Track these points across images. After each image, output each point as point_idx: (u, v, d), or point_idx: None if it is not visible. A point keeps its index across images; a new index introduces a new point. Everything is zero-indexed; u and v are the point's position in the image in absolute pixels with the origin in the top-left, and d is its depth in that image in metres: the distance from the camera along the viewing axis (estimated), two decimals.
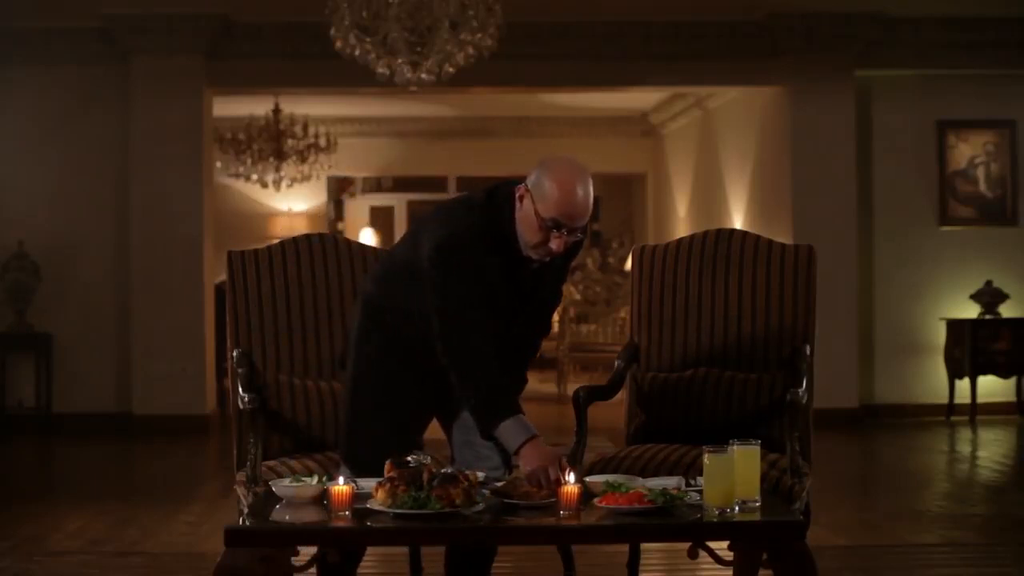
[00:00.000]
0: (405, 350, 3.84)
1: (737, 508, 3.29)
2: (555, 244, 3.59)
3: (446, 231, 3.66)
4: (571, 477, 3.39)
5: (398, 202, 16.39)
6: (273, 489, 3.49)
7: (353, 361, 3.93)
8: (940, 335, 10.15)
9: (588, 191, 3.59)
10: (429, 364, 3.73)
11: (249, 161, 13.43)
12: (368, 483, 3.46)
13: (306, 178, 13.74)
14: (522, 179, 3.69)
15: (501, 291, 3.71)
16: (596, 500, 3.35)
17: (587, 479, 3.54)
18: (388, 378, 3.86)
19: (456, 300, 3.63)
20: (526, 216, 3.60)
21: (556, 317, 13.77)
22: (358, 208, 16.56)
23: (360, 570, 4.26)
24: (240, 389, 4.22)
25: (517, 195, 3.64)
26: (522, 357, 3.93)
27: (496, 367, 3.61)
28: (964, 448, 9.07)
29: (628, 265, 8.14)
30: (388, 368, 3.86)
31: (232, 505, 4.70)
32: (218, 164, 12.66)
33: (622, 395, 4.69)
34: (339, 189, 16.38)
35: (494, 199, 3.71)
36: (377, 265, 4.09)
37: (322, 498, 3.38)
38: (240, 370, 4.29)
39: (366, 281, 4.04)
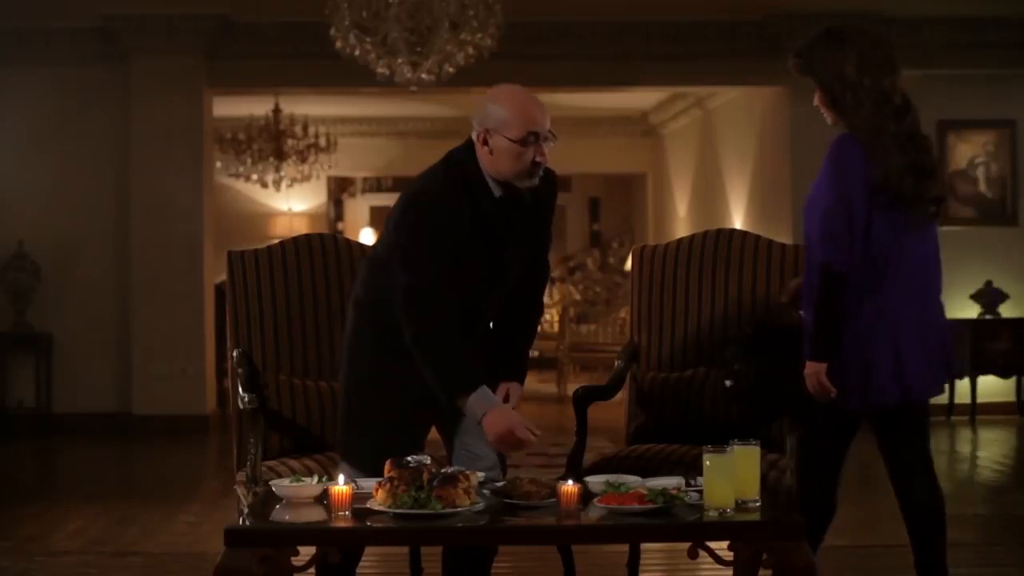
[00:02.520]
0: (396, 343, 3.83)
1: (737, 508, 3.29)
2: (540, 155, 3.68)
3: (412, 194, 3.73)
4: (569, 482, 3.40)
5: None
6: (273, 489, 3.49)
7: (348, 361, 3.93)
8: None
9: (534, 96, 3.73)
10: None
11: (249, 161, 13.43)
12: (368, 483, 3.46)
13: (306, 178, 13.74)
14: None
15: (482, 242, 3.72)
16: (596, 500, 3.35)
17: (587, 479, 3.55)
18: (382, 373, 3.85)
19: (421, 273, 3.66)
20: (501, 150, 3.66)
21: (556, 317, 13.78)
22: (358, 208, 16.57)
23: (360, 570, 4.26)
24: (240, 389, 4.22)
25: (478, 140, 3.69)
26: (534, 295, 3.98)
27: (459, 341, 3.65)
28: (964, 448, 9.07)
29: (628, 265, 8.14)
30: (381, 363, 3.85)
31: (232, 505, 4.70)
32: (218, 164, 12.65)
33: (622, 395, 4.70)
34: (339, 189, 16.38)
35: (451, 159, 3.76)
36: (362, 267, 4.09)
37: (322, 498, 3.38)
38: (240, 370, 4.29)
39: (355, 286, 4.05)
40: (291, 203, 14.87)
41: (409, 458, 3.48)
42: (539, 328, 13.55)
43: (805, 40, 4.02)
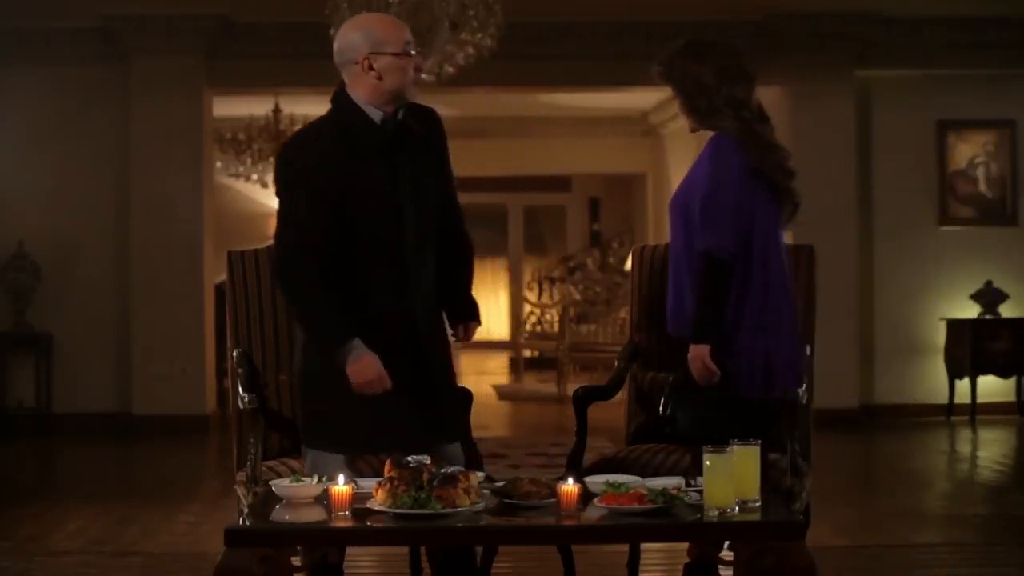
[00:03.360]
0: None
1: (737, 508, 3.29)
2: (418, 64, 3.86)
3: (280, 148, 3.94)
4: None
5: None
6: (273, 489, 3.49)
7: (301, 352, 3.98)
8: (940, 335, 10.15)
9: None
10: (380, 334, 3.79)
11: (249, 161, 13.42)
12: (368, 483, 3.46)
13: None
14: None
15: (375, 170, 3.79)
16: (596, 500, 3.35)
17: (587, 479, 3.55)
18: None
19: (288, 224, 3.76)
20: (389, 68, 3.79)
21: (556, 317, 13.78)
22: None
23: (360, 570, 4.26)
24: (240, 389, 4.21)
25: (363, 69, 3.81)
26: (456, 234, 4.02)
27: (328, 294, 3.73)
28: (964, 448, 9.07)
29: (628, 265, 8.14)
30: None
31: (232, 505, 4.70)
32: (218, 164, 12.65)
33: (622, 395, 4.69)
34: None
35: (316, 123, 3.91)
36: None
37: (322, 498, 3.38)
38: (240, 370, 4.29)
39: None
40: None
41: (409, 458, 3.48)
42: (539, 328, 13.43)
43: (667, 51, 4.19)
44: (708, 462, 3.28)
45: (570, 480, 3.35)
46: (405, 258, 3.83)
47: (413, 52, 3.84)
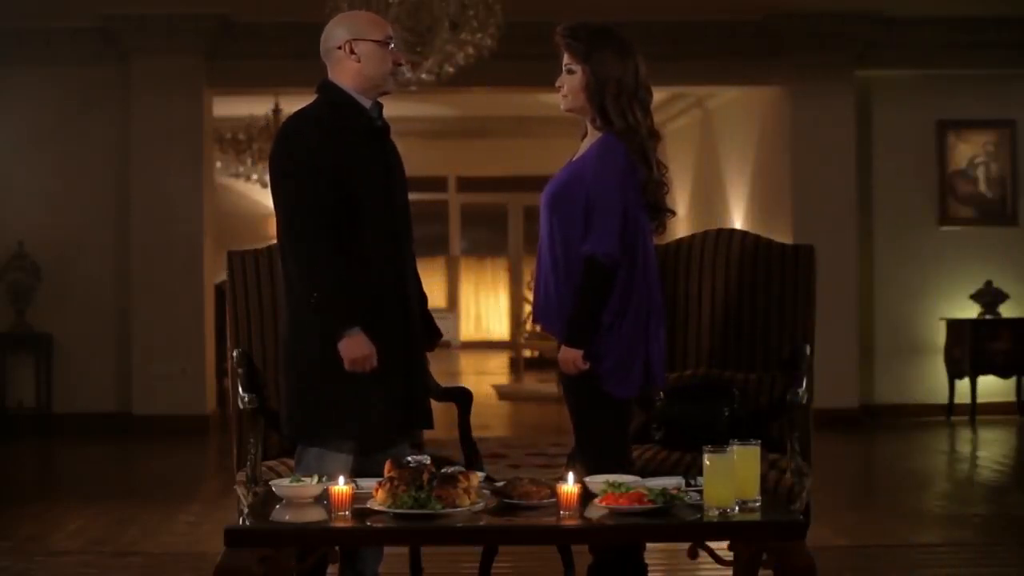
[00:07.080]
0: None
1: (737, 508, 3.29)
2: (397, 57, 4.00)
3: (278, 130, 4.03)
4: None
5: None
6: (273, 489, 3.49)
7: (294, 351, 3.96)
8: (940, 335, 10.15)
9: None
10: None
11: (249, 161, 13.42)
12: (368, 483, 3.47)
13: None
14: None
15: (372, 154, 3.91)
16: (596, 500, 3.35)
17: (587, 479, 3.55)
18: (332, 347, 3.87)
19: (301, 211, 3.80)
20: (369, 54, 3.94)
21: None
22: None
23: None
24: (240, 389, 4.22)
25: (345, 52, 3.95)
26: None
27: (341, 276, 3.76)
28: (964, 448, 9.07)
29: None
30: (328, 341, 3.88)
31: (232, 505, 4.70)
32: (218, 164, 12.65)
33: None
34: None
35: (310, 107, 3.99)
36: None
37: (322, 498, 3.38)
38: (240, 370, 4.30)
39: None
40: None
41: (409, 458, 3.49)
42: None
43: (583, 25, 4.18)
44: (708, 462, 3.28)
45: (570, 480, 3.35)
46: (398, 233, 3.94)
47: (393, 46, 3.95)
